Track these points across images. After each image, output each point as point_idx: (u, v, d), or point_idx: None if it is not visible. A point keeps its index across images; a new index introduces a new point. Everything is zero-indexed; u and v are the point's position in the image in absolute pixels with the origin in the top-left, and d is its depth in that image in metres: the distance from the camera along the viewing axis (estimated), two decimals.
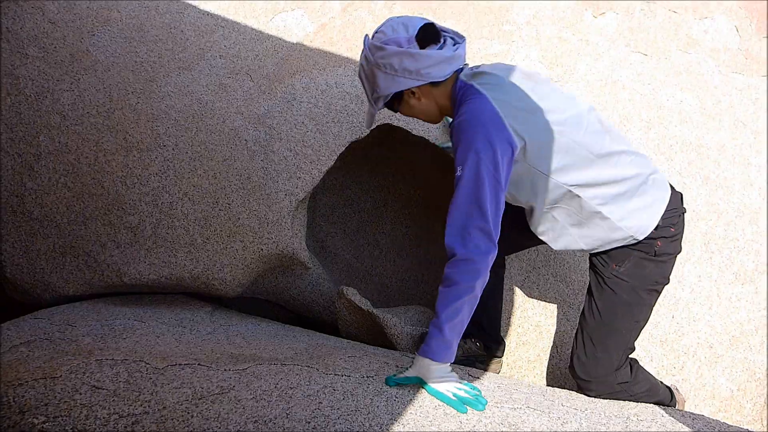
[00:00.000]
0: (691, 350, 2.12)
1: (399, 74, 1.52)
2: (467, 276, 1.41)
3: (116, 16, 2.27)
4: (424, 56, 1.49)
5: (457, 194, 1.44)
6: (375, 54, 1.52)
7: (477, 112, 1.46)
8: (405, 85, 1.54)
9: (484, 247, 1.42)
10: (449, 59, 1.52)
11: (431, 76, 1.53)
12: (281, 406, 1.36)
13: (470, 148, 1.42)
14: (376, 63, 1.53)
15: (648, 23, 2.56)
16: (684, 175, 2.32)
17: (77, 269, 2.07)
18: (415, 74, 1.52)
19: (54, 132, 2.09)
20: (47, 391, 1.32)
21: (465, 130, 1.44)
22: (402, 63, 1.50)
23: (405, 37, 1.49)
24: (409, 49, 1.48)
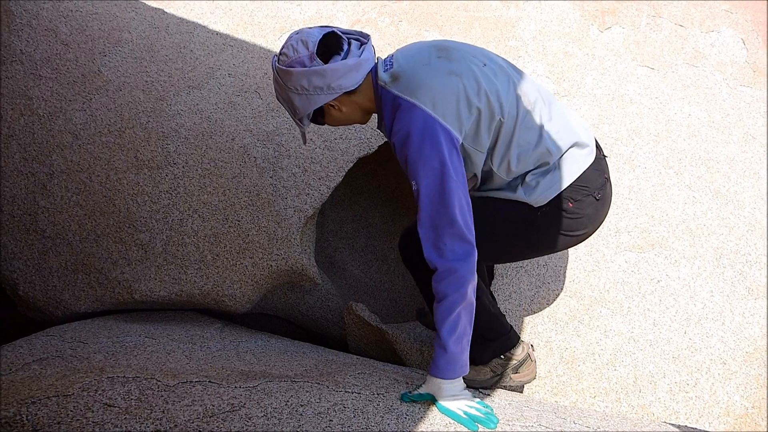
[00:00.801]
0: (704, 366, 2.09)
1: (312, 93, 1.51)
2: (454, 285, 1.40)
3: (127, 37, 2.31)
4: (330, 70, 1.47)
5: (420, 209, 1.43)
6: (283, 78, 1.51)
7: (414, 125, 1.43)
8: (321, 101, 1.53)
9: (461, 253, 1.41)
10: (356, 66, 1.50)
11: (343, 87, 1.51)
12: (292, 423, 1.36)
13: (419, 160, 1.41)
14: (286, 87, 1.52)
15: (654, 37, 2.57)
16: (694, 189, 2.31)
17: (89, 286, 2.09)
18: (327, 89, 1.50)
19: (66, 151, 2.12)
20: (60, 409, 1.33)
21: (409, 145, 1.43)
22: (311, 81, 1.49)
23: (306, 55, 1.47)
24: (313, 67, 1.47)
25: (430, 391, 1.50)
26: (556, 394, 2.11)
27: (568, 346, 2.14)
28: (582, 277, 2.22)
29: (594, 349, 2.13)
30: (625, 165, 2.36)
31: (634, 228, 2.27)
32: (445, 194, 1.40)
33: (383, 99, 1.52)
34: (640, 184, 2.33)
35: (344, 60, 1.48)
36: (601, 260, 2.23)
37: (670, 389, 2.07)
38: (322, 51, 1.47)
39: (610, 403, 2.07)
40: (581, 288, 2.21)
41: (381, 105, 1.54)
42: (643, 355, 2.11)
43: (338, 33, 1.52)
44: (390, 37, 2.53)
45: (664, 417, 2.06)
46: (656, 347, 2.12)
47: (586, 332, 2.15)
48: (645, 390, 2.08)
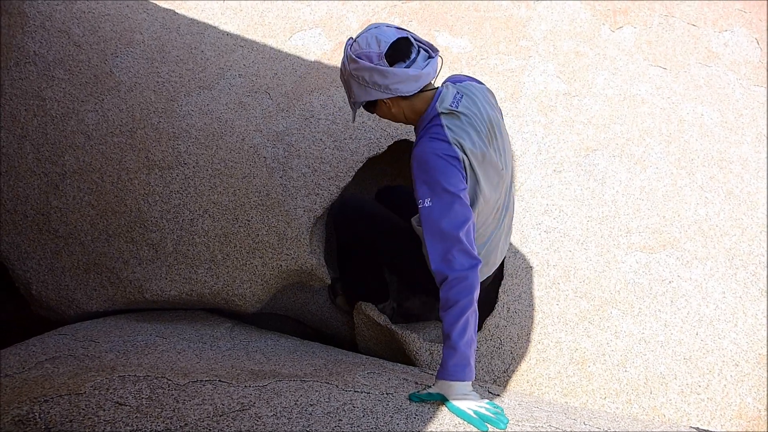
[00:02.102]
0: (717, 368, 2.07)
1: (370, 86, 1.64)
2: (464, 292, 1.48)
3: (139, 38, 2.32)
4: (391, 73, 1.60)
5: (430, 225, 1.54)
6: (350, 65, 1.64)
7: (436, 147, 1.58)
8: (375, 96, 1.66)
9: (468, 264, 1.51)
10: (415, 77, 1.62)
11: (399, 91, 1.63)
12: (301, 423, 1.36)
13: (433, 179, 1.55)
14: (351, 73, 1.65)
15: (666, 36, 2.55)
16: (706, 189, 2.29)
17: (100, 286, 2.11)
18: (384, 88, 1.63)
19: (79, 151, 2.14)
20: (72, 407, 1.34)
21: (424, 165, 1.57)
22: (372, 77, 1.62)
23: (376, 53, 1.59)
24: (378, 66, 1.59)
25: (439, 392, 1.50)
26: (566, 395, 2.10)
27: (578, 346, 2.13)
28: (592, 278, 2.21)
29: (604, 350, 2.11)
30: (636, 165, 2.34)
31: (645, 228, 2.26)
32: (449, 216, 1.53)
33: (430, 117, 1.67)
34: (651, 184, 2.32)
35: (407, 68, 1.61)
36: (612, 261, 2.22)
37: (682, 391, 2.05)
38: (390, 53, 1.59)
39: (621, 404, 2.06)
40: (592, 289, 2.20)
41: (425, 119, 1.68)
42: (655, 356, 2.10)
43: (411, 40, 1.64)
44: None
45: (675, 419, 2.04)
46: (668, 348, 2.11)
47: (597, 333, 2.14)
48: (656, 391, 2.06)
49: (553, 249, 2.25)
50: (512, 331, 2.15)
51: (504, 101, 2.44)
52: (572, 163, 2.36)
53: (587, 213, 2.29)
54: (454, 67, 2.48)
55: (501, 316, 2.15)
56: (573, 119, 2.42)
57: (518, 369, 2.13)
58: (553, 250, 2.25)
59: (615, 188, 2.32)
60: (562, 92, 2.46)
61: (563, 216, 2.29)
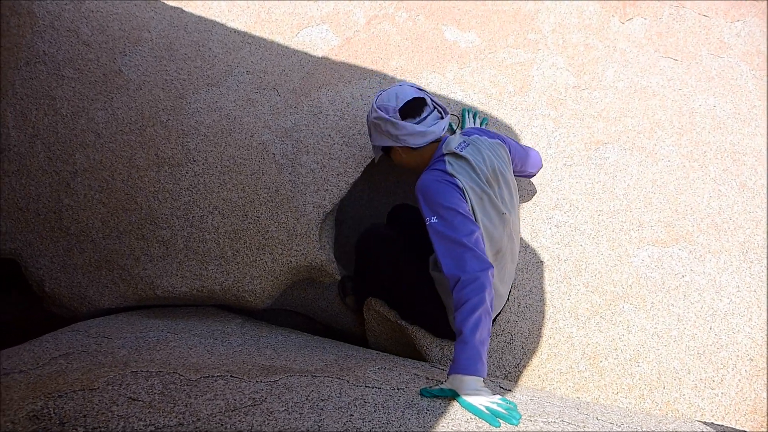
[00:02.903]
0: (731, 363, 2.05)
1: (384, 134, 1.90)
2: (475, 290, 1.55)
3: (147, 36, 2.33)
4: (401, 126, 1.85)
5: (438, 238, 1.66)
6: (371, 113, 1.91)
7: (434, 175, 1.76)
8: (388, 143, 1.91)
9: (479, 267, 1.60)
10: (422, 133, 1.86)
11: (407, 142, 1.87)
12: (313, 418, 1.36)
13: (434, 199, 1.69)
14: (371, 120, 1.93)
15: (677, 27, 2.52)
16: (719, 182, 2.27)
17: (112, 282, 2.12)
18: (395, 138, 1.88)
19: (89, 150, 2.15)
20: (86, 402, 1.35)
21: (424, 190, 1.73)
22: (386, 127, 1.88)
23: (392, 107, 1.86)
24: (391, 118, 1.85)
25: (451, 387, 1.49)
26: (577, 390, 2.08)
27: (590, 341, 2.11)
28: (604, 272, 2.19)
29: (617, 344, 2.10)
30: (647, 158, 2.32)
31: (657, 222, 2.24)
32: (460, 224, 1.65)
33: (434, 159, 1.86)
34: (663, 177, 2.29)
35: (415, 124, 1.85)
36: (624, 255, 2.20)
37: (696, 386, 2.03)
38: (403, 109, 1.86)
39: (634, 399, 2.04)
40: (603, 283, 2.18)
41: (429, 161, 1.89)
42: (668, 351, 2.08)
43: (426, 100, 1.90)
44: (407, 32, 2.52)
45: (689, 414, 2.02)
46: (681, 343, 2.09)
47: (609, 328, 2.12)
48: (669, 386, 2.05)
49: (563, 243, 2.24)
50: (523, 326, 2.14)
51: (513, 95, 2.43)
52: (582, 156, 2.34)
53: (598, 207, 2.27)
54: (462, 62, 2.46)
55: (512, 311, 2.14)
56: (583, 112, 2.40)
57: (529, 364, 2.12)
58: (563, 244, 2.23)
59: (626, 182, 2.29)
60: (571, 85, 2.44)
61: (574, 210, 2.27)
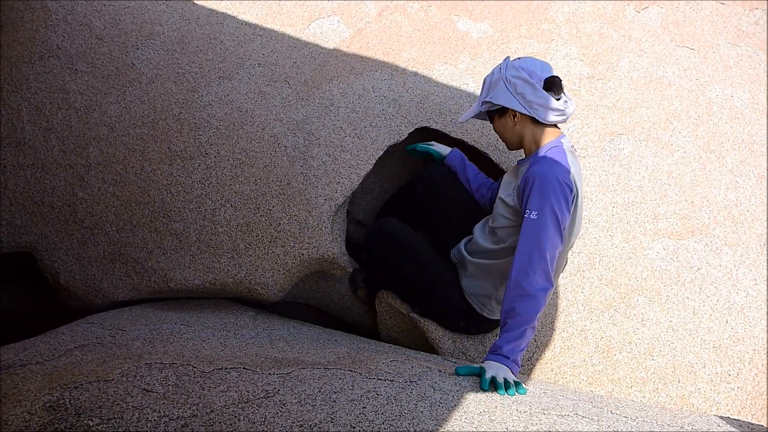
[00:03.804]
0: (747, 357, 2.03)
1: (516, 95, 1.81)
2: (530, 310, 1.62)
3: (159, 30, 2.34)
4: (541, 95, 1.78)
5: (527, 236, 1.67)
6: (508, 70, 1.82)
7: (560, 172, 1.72)
8: (515, 106, 1.82)
9: (542, 286, 1.64)
10: (556, 110, 1.80)
11: (537, 113, 1.81)
12: (325, 410, 1.36)
13: (548, 198, 1.68)
14: (505, 76, 1.83)
15: (694, 16, 2.47)
16: (736, 173, 2.23)
17: (126, 275, 2.14)
18: (527, 104, 1.80)
19: (102, 143, 2.16)
20: (101, 393, 1.36)
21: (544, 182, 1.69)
22: (524, 88, 1.79)
23: (538, 75, 1.79)
24: (534, 83, 1.78)
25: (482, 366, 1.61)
26: (591, 384, 2.07)
27: (603, 335, 2.10)
28: (618, 265, 2.17)
29: (631, 338, 2.08)
30: (663, 150, 2.29)
31: (672, 214, 2.21)
32: (552, 236, 1.66)
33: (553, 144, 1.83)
34: (679, 168, 2.26)
35: (555, 99, 1.80)
36: (638, 247, 2.18)
37: (711, 380, 2.01)
38: (548, 82, 1.80)
39: (648, 393, 2.03)
40: (617, 276, 2.16)
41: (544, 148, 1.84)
42: (683, 344, 2.06)
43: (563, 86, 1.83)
44: (419, 23, 2.50)
45: (704, 408, 2.00)
46: (696, 336, 2.06)
47: (623, 321, 2.10)
48: (684, 380, 2.03)
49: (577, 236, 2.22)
50: None
51: None
52: (597, 148, 2.31)
53: (612, 199, 2.24)
54: (475, 53, 2.44)
55: None
56: (597, 103, 2.37)
57: (542, 357, 2.11)
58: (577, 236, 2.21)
59: (641, 173, 2.27)
60: (585, 76, 2.41)
61: (588, 202, 2.25)
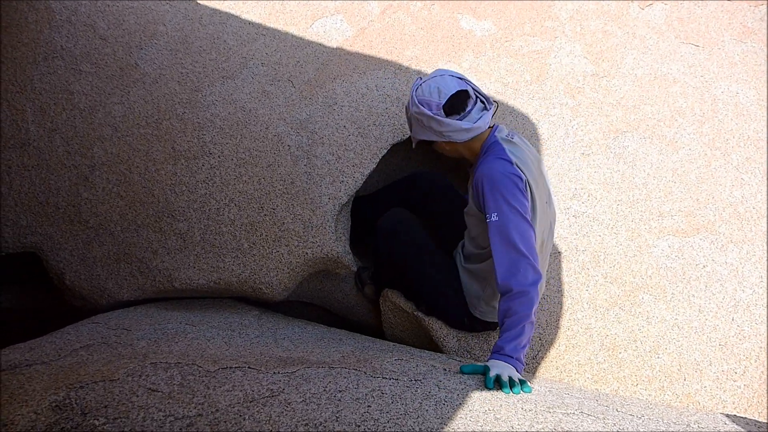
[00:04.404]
0: (753, 354, 2.02)
1: (427, 129, 1.85)
2: (525, 305, 1.62)
3: (162, 30, 2.34)
4: (446, 124, 1.81)
5: (497, 239, 1.69)
6: (413, 107, 1.85)
7: (499, 166, 1.73)
8: (432, 137, 1.87)
9: (531, 279, 1.65)
10: (467, 130, 1.82)
11: (452, 138, 1.84)
12: (330, 409, 1.36)
13: (500, 195, 1.69)
14: (413, 114, 1.87)
15: (699, 13, 2.46)
16: (742, 170, 2.22)
17: (131, 275, 2.14)
18: (439, 134, 1.84)
19: (107, 143, 2.17)
20: (106, 393, 1.36)
21: (491, 182, 1.71)
22: (429, 123, 1.83)
23: (435, 103, 1.80)
24: (435, 115, 1.80)
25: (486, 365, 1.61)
26: (596, 382, 2.07)
27: (608, 333, 2.09)
28: (623, 263, 2.16)
29: (636, 336, 2.07)
30: (668, 147, 2.28)
31: (678, 212, 2.20)
32: (519, 230, 1.67)
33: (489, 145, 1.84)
34: (684, 166, 2.25)
35: (460, 120, 1.81)
36: (643, 245, 2.17)
37: (717, 378, 2.00)
38: (447, 105, 1.80)
39: (653, 391, 2.02)
40: (622, 274, 2.15)
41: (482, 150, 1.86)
42: (688, 342, 2.05)
43: (470, 92, 1.84)
44: (423, 21, 2.49)
45: (710, 406, 1.99)
46: (702, 334, 2.06)
47: (628, 319, 2.10)
48: (690, 378, 2.02)
49: (582, 234, 2.21)
50: (540, 317, 2.12)
51: (530, 84, 2.39)
52: (601, 145, 2.30)
53: (617, 196, 2.24)
54: (478, 51, 2.44)
55: None
56: (601, 101, 2.36)
57: (547, 355, 2.10)
58: (582, 234, 2.20)
59: (646, 171, 2.26)
60: (589, 73, 2.40)
61: (592, 200, 2.24)
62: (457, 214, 2.19)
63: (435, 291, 2.08)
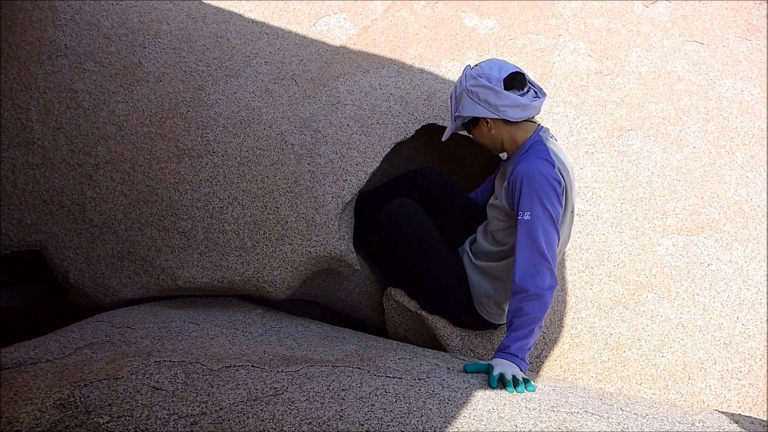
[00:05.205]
0: (758, 353, 2.01)
1: (481, 103, 1.80)
2: (538, 309, 1.63)
3: (166, 28, 2.34)
4: (504, 96, 1.77)
5: (524, 238, 1.68)
6: (468, 81, 1.82)
7: (543, 169, 1.71)
8: (483, 113, 1.81)
9: (549, 284, 1.65)
10: (524, 106, 1.78)
11: (506, 114, 1.79)
12: (334, 407, 1.36)
13: (537, 196, 1.68)
14: (467, 88, 1.82)
15: (703, 10, 2.45)
16: (746, 169, 2.21)
17: (135, 273, 2.15)
18: (494, 108, 1.79)
19: (110, 142, 2.17)
20: (110, 391, 1.37)
21: (531, 182, 1.69)
22: (486, 95, 1.78)
23: (496, 77, 1.78)
24: (494, 86, 1.77)
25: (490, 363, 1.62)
26: (600, 381, 2.06)
27: (612, 331, 2.09)
28: (627, 262, 2.15)
29: (640, 334, 2.07)
30: (672, 145, 2.27)
31: (682, 210, 2.19)
32: (547, 234, 1.67)
33: (533, 143, 1.82)
34: (688, 164, 2.24)
35: (519, 96, 1.78)
36: (648, 244, 2.16)
37: (722, 376, 2.00)
38: (508, 79, 1.78)
39: (658, 390, 2.01)
40: (626, 272, 2.14)
41: (526, 145, 1.83)
42: (693, 341, 2.04)
43: (526, 77, 1.82)
44: (426, 20, 2.49)
45: (715, 405, 1.99)
46: (706, 333, 2.05)
47: (632, 318, 2.09)
48: (695, 377, 2.01)
49: (586, 232, 2.20)
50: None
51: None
52: (605, 144, 2.30)
53: (621, 195, 2.23)
54: (482, 49, 2.43)
55: None
56: (605, 99, 2.35)
57: (551, 354, 2.10)
58: (586, 233, 2.20)
59: (650, 169, 2.25)
60: (593, 71, 2.39)
61: (596, 198, 2.23)
62: (458, 212, 2.18)
63: (437, 283, 2.07)
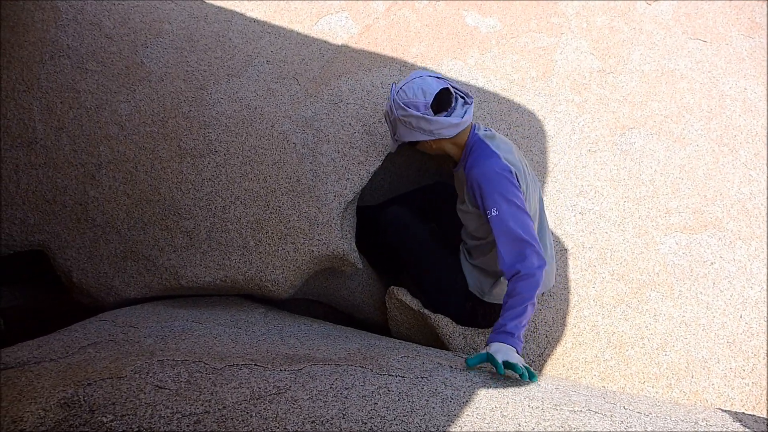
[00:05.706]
0: (762, 351, 2.00)
1: (416, 130, 1.89)
2: (530, 287, 1.68)
3: (168, 28, 2.34)
4: (436, 122, 1.85)
5: (500, 232, 1.75)
6: (397, 111, 1.88)
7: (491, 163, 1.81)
8: (421, 138, 1.91)
9: (537, 263, 1.71)
10: (456, 125, 1.88)
11: (442, 135, 1.89)
12: (337, 406, 1.36)
13: (496, 191, 1.76)
14: (398, 118, 1.89)
15: (706, 8, 2.44)
16: (750, 167, 2.20)
17: (137, 273, 2.15)
18: (429, 132, 1.89)
19: (113, 142, 2.17)
20: (114, 390, 1.37)
21: (487, 180, 1.78)
22: (419, 123, 1.87)
23: (422, 103, 1.84)
24: (424, 115, 1.84)
25: (487, 351, 1.62)
26: (603, 380, 2.06)
27: (615, 330, 2.08)
28: (630, 260, 2.15)
29: (643, 333, 2.06)
30: (675, 143, 2.26)
31: (685, 208, 2.18)
32: (518, 220, 1.74)
33: (473, 144, 1.91)
34: (691, 162, 2.24)
35: (449, 117, 1.87)
36: (650, 242, 2.16)
37: (725, 375, 1.99)
38: (435, 104, 1.85)
39: (661, 388, 2.01)
40: (629, 271, 2.14)
41: (468, 148, 1.93)
42: (696, 339, 2.04)
43: (451, 90, 1.89)
44: (428, 18, 2.48)
45: (718, 403, 1.98)
46: (710, 332, 2.04)
47: (635, 316, 2.09)
48: (698, 376, 2.01)
49: (588, 231, 2.20)
50: (547, 314, 2.12)
51: (536, 80, 2.38)
52: (608, 142, 2.29)
53: (624, 193, 2.22)
54: (484, 48, 2.43)
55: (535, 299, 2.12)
56: (608, 97, 2.35)
57: (554, 353, 2.10)
58: (588, 231, 2.20)
59: (653, 167, 2.24)
60: (596, 69, 2.39)
61: (599, 197, 2.23)
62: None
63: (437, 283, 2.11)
